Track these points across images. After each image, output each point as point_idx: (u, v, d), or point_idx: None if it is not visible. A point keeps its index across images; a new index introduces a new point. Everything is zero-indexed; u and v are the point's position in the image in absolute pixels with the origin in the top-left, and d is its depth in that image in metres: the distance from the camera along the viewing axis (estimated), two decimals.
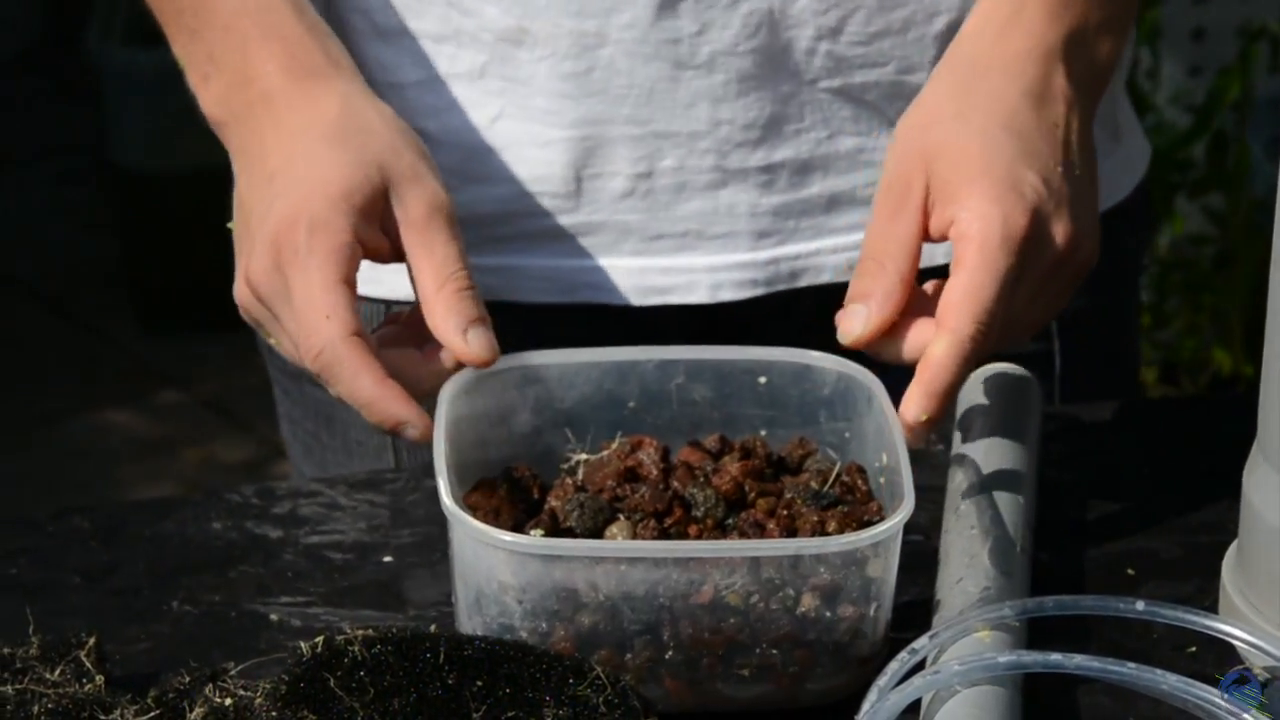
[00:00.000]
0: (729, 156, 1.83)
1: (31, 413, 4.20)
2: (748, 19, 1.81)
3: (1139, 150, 2.08)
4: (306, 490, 1.63)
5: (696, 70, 1.81)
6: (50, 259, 4.59)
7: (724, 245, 1.86)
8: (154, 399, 4.25)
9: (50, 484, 4.01)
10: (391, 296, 1.85)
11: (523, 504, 1.44)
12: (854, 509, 1.42)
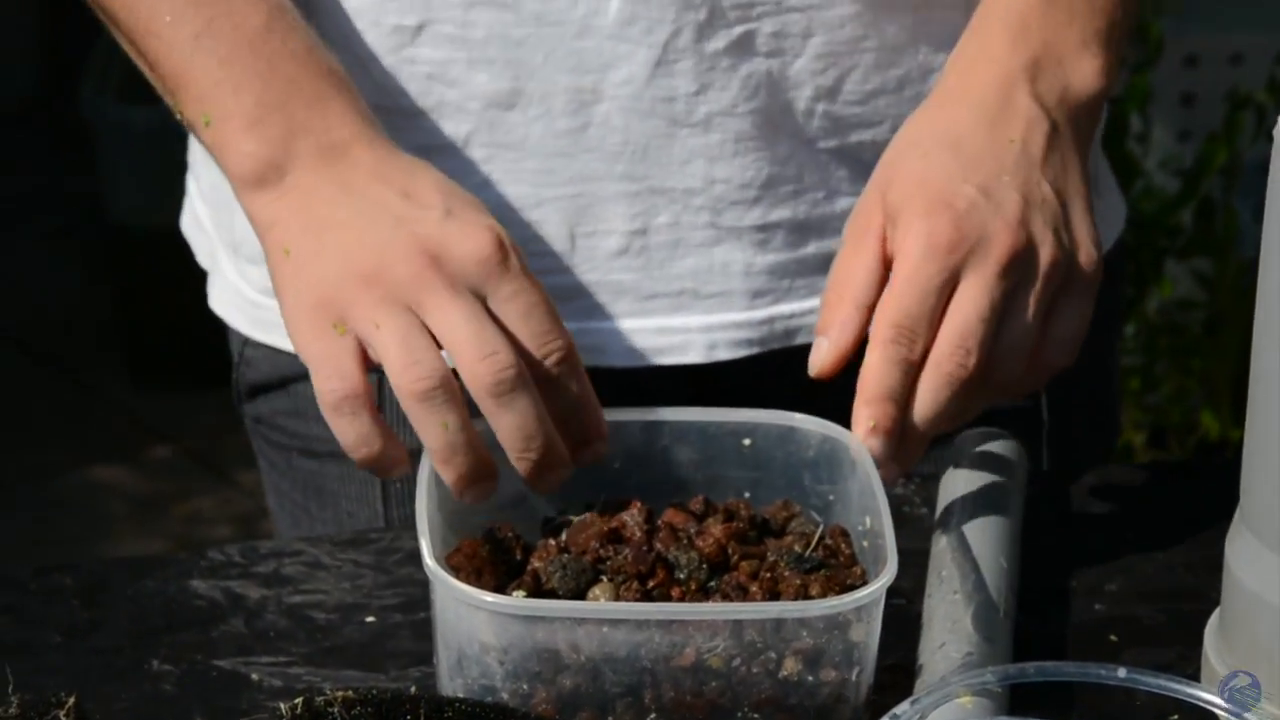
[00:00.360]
0: (724, 215, 1.82)
1: (20, 466, 4.20)
2: (747, 80, 1.81)
3: (1115, 207, 2.08)
4: (290, 550, 1.63)
5: (693, 129, 1.80)
6: (42, 312, 4.60)
7: (719, 304, 1.85)
8: (144, 454, 4.25)
9: (36, 540, 4.01)
10: None
11: (505, 565, 1.43)
12: (837, 572, 1.41)
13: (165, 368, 4.38)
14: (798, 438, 1.52)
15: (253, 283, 1.91)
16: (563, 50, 1.79)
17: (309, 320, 1.52)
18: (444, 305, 1.49)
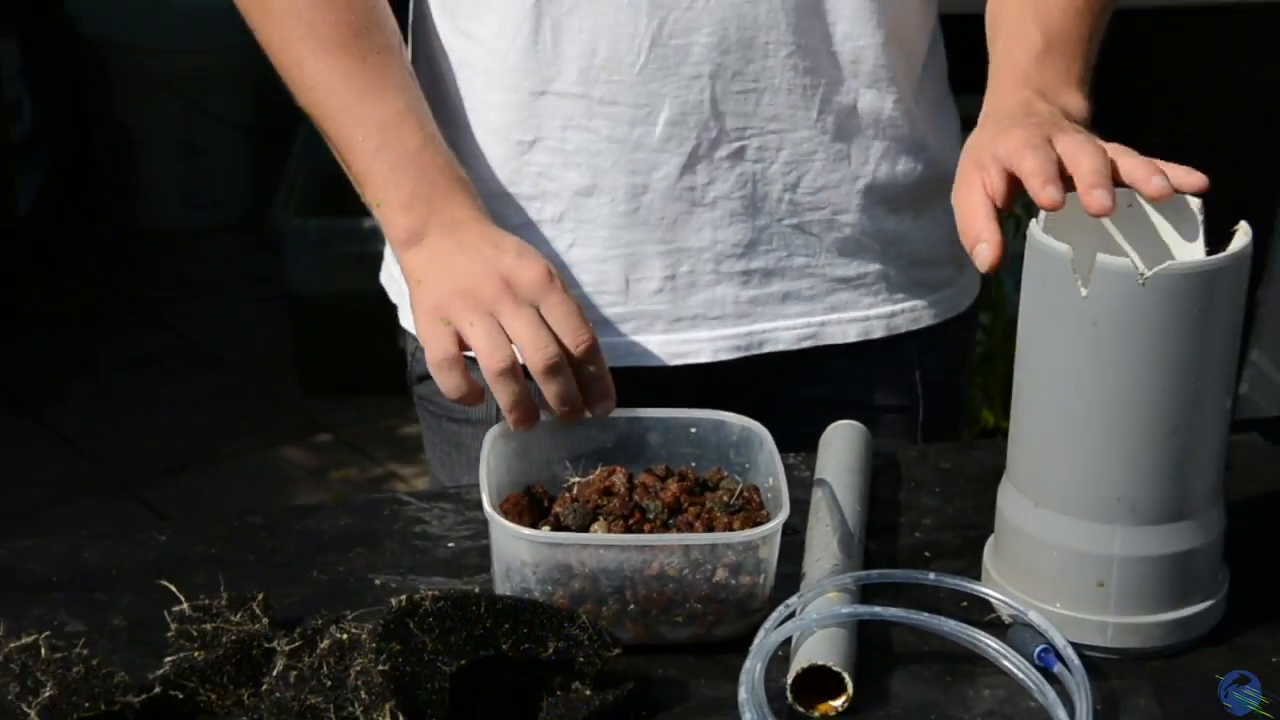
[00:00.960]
0: (722, 265, 1.84)
1: (231, 448, 4.22)
2: (740, 177, 1.81)
3: (975, 277, 2.03)
4: (402, 500, 1.64)
5: (705, 207, 1.81)
6: (250, 348, 4.59)
7: (718, 324, 1.86)
8: (311, 439, 4.25)
9: (240, 495, 4.02)
10: None
11: (537, 510, 1.48)
12: (751, 514, 1.47)
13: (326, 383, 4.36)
14: (726, 428, 1.56)
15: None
16: (625, 159, 1.79)
17: (427, 319, 1.59)
18: (513, 313, 1.55)
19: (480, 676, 1.27)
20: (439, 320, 1.59)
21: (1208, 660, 1.40)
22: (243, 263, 4.99)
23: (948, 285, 2.01)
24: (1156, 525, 1.38)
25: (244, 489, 4.07)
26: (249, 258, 4.96)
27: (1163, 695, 1.35)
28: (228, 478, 4.13)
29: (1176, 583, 1.40)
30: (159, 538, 1.56)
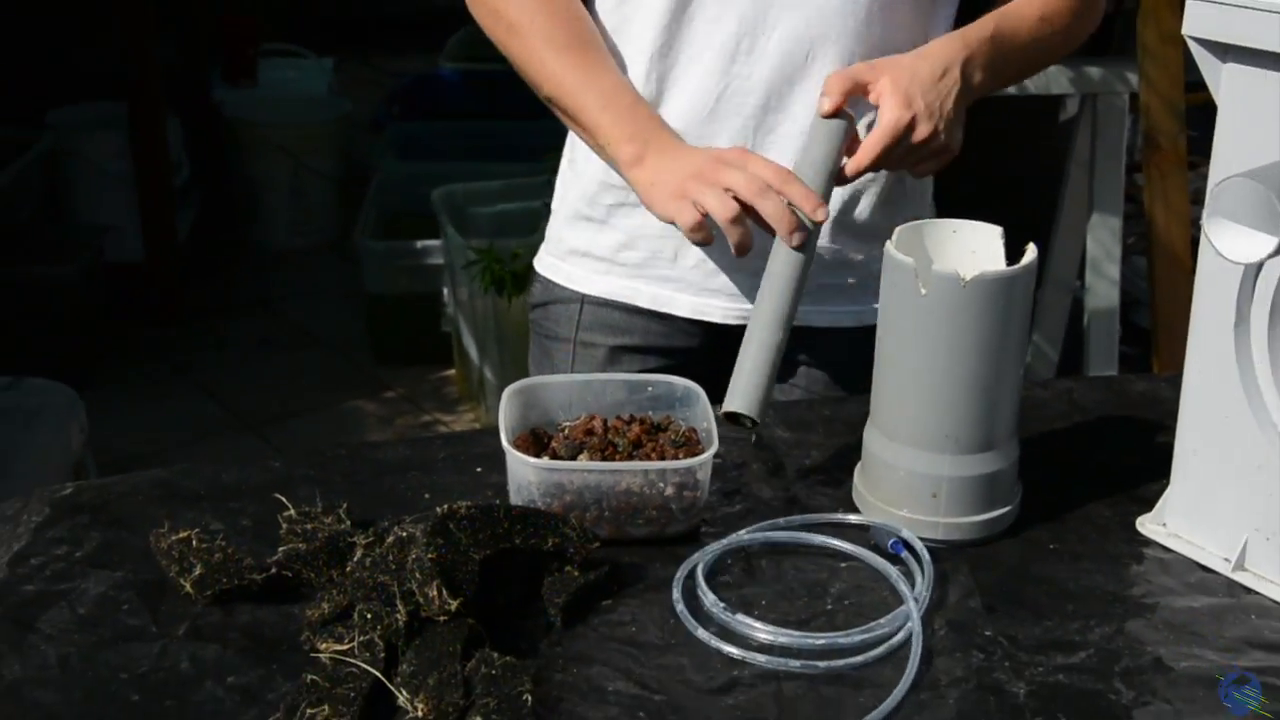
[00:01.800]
0: (737, 260, 1.68)
1: (323, 400, 4.22)
2: None
3: None
4: (447, 436, 1.64)
5: None
6: (336, 331, 4.58)
7: (730, 299, 1.79)
8: (381, 395, 4.25)
9: (329, 433, 4.04)
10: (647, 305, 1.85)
11: (540, 445, 1.44)
12: (691, 448, 1.44)
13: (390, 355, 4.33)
14: (674, 386, 1.51)
15: (550, 245, 1.93)
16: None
17: (673, 202, 1.57)
18: (731, 176, 1.54)
19: (500, 562, 1.26)
20: (680, 199, 1.57)
21: (1007, 547, 1.40)
22: (332, 272, 4.98)
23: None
24: (972, 454, 1.38)
25: (333, 429, 4.09)
26: (336, 268, 4.96)
27: (975, 571, 1.35)
28: (322, 421, 4.13)
29: (986, 494, 1.39)
30: (274, 464, 1.54)
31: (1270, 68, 1.26)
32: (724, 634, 1.25)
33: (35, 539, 1.38)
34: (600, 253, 1.82)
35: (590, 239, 1.82)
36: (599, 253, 1.82)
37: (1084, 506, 1.47)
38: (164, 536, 1.32)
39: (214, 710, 1.15)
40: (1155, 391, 1.69)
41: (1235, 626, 1.29)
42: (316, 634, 1.22)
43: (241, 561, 1.30)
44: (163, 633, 1.25)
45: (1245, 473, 1.35)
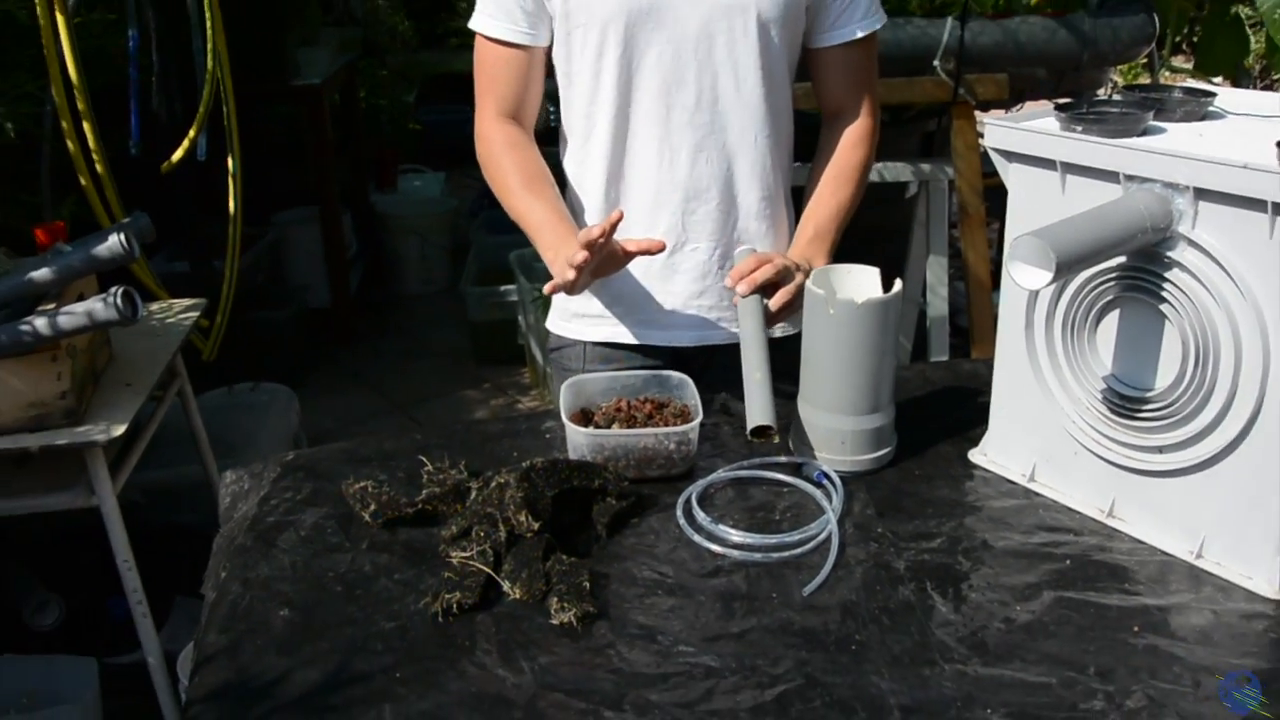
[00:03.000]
0: (688, 304, 1.65)
1: (445, 390, 4.18)
2: (695, 263, 1.62)
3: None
4: (526, 414, 1.62)
5: (681, 274, 1.63)
6: (451, 345, 4.53)
7: (686, 330, 1.65)
8: (480, 386, 4.21)
9: (450, 412, 3.99)
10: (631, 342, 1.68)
11: (587, 419, 1.40)
12: (686, 418, 1.39)
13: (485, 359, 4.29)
14: (672, 377, 1.45)
15: (556, 312, 1.71)
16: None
17: (560, 270, 1.41)
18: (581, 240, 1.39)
19: (564, 496, 1.24)
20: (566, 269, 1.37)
21: (889, 473, 1.38)
22: (447, 308, 4.95)
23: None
24: (866, 415, 1.35)
25: (452, 408, 4.03)
26: (450, 306, 4.92)
27: (869, 490, 1.33)
28: (445, 404, 4.08)
29: (875, 440, 1.37)
30: (416, 437, 1.51)
31: (1040, 167, 1.26)
32: (709, 538, 1.23)
33: (272, 488, 1.39)
34: (594, 312, 1.67)
35: (585, 303, 1.67)
36: (593, 312, 1.67)
37: (935, 445, 1.45)
38: (350, 485, 1.32)
39: (387, 596, 1.15)
40: (976, 370, 1.67)
41: (1029, 517, 1.28)
42: (449, 546, 1.21)
43: (399, 500, 1.29)
44: (353, 547, 1.24)
45: (1032, 420, 1.33)
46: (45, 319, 1.68)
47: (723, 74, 1.52)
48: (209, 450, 2.53)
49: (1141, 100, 1.29)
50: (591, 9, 1.49)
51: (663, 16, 1.48)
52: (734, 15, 1.49)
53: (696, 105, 1.53)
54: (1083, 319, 1.24)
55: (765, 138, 1.58)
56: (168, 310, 2.37)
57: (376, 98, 6.06)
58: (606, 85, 1.53)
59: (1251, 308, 1.09)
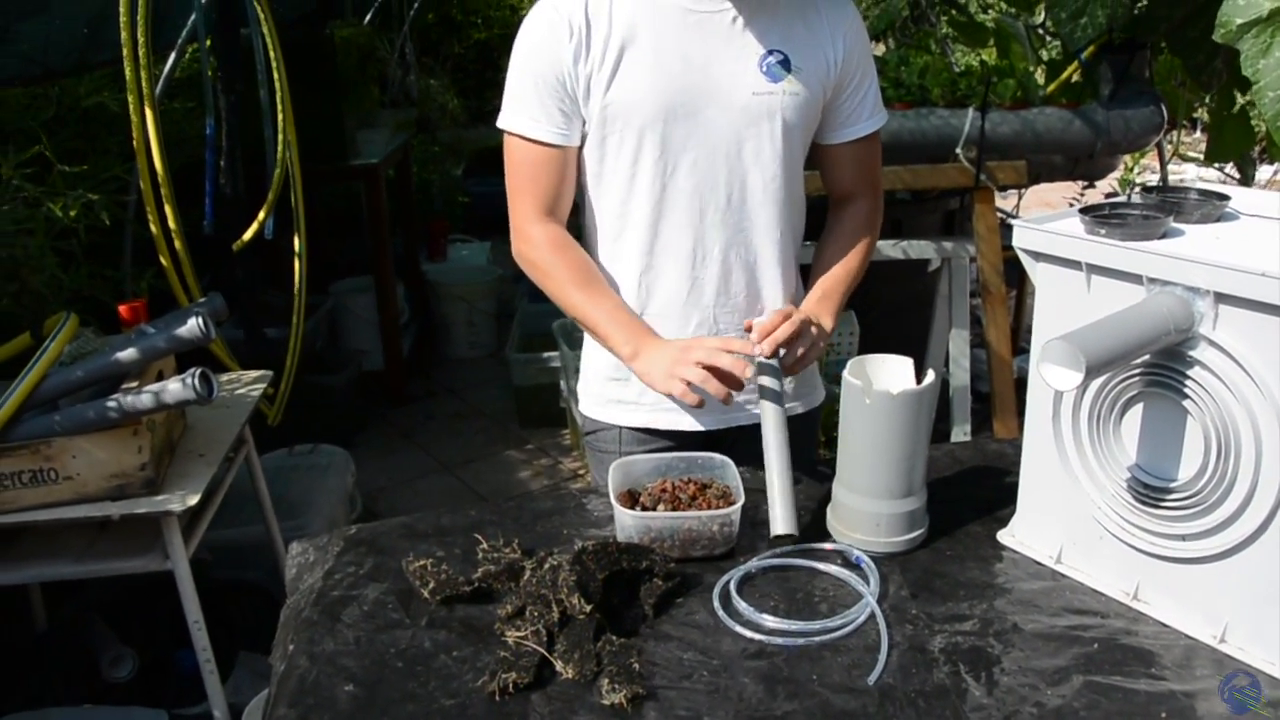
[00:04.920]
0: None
1: (491, 450, 4.17)
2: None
3: (819, 389, 1.79)
4: (581, 491, 1.60)
5: None
6: (496, 408, 4.54)
7: (705, 417, 1.65)
8: (524, 447, 4.21)
9: (497, 472, 3.98)
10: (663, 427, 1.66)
11: (633, 500, 1.38)
12: (728, 499, 1.38)
13: (529, 422, 4.29)
14: (713, 459, 1.44)
15: (590, 398, 1.70)
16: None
17: (661, 381, 1.42)
18: (694, 355, 1.39)
19: (613, 577, 1.23)
20: (669, 379, 1.42)
21: (922, 554, 1.36)
22: (493, 371, 4.97)
23: (813, 392, 1.75)
24: (900, 499, 1.34)
25: (497, 469, 4.03)
26: (495, 369, 4.95)
27: (904, 572, 1.32)
28: (491, 465, 4.08)
29: (908, 523, 1.36)
30: (471, 513, 1.50)
31: (1066, 267, 1.25)
32: (748, 625, 1.22)
33: (336, 562, 1.38)
34: (629, 399, 1.65)
35: (620, 391, 1.65)
36: (628, 399, 1.65)
37: (965, 525, 1.43)
38: (411, 562, 1.31)
39: (446, 673, 1.14)
40: (1002, 450, 1.66)
41: (1058, 599, 1.27)
42: (505, 625, 1.20)
43: (457, 578, 1.28)
44: (413, 623, 1.24)
45: (1059, 505, 1.32)
46: (129, 398, 1.70)
47: (751, 175, 1.54)
48: (272, 512, 2.54)
49: (1161, 204, 1.29)
50: (629, 115, 1.49)
51: (696, 122, 1.49)
52: (761, 121, 1.51)
53: (728, 205, 1.54)
54: (1108, 411, 1.24)
55: (787, 231, 1.60)
56: (237, 381, 2.39)
57: (429, 172, 6.15)
58: (642, 187, 1.54)
59: (1271, 405, 1.08)
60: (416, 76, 7.07)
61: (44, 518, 1.80)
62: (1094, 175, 2.86)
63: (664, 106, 1.48)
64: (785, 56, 1.50)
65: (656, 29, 1.48)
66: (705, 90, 1.48)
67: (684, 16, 1.48)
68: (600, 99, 1.49)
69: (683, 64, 1.47)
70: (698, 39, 1.48)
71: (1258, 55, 1.58)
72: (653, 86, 1.48)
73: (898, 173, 2.62)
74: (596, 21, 1.48)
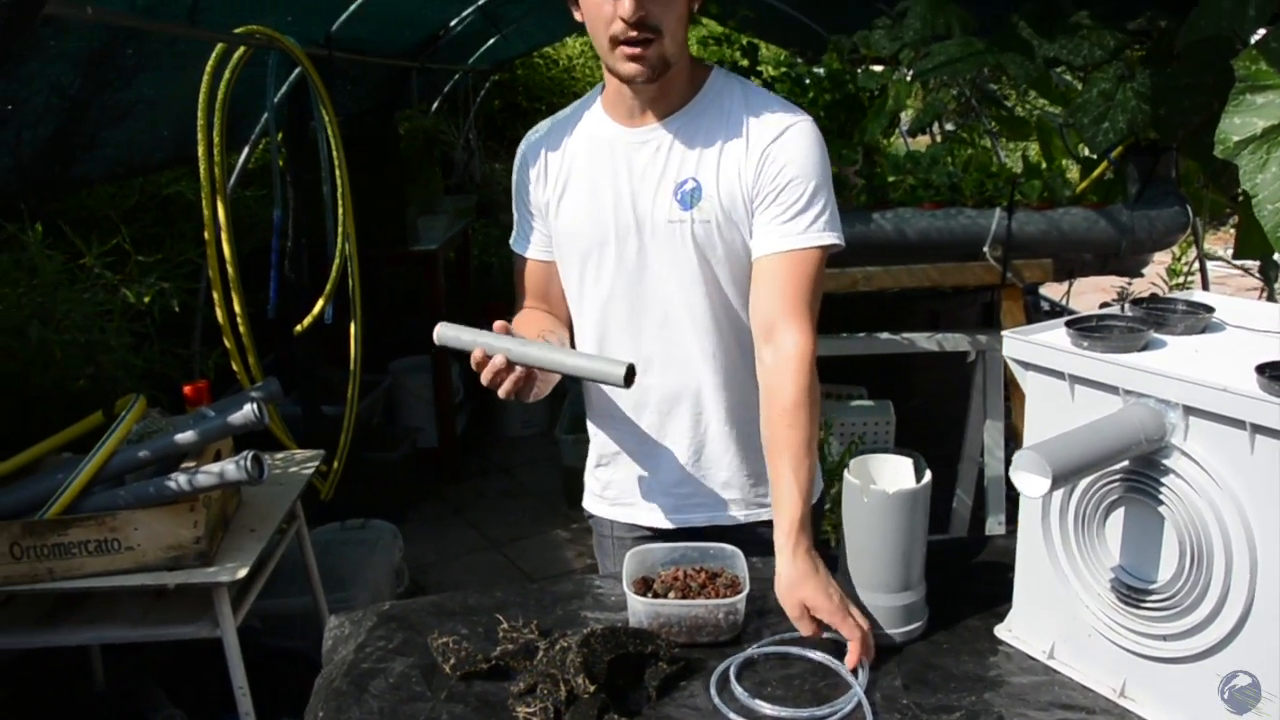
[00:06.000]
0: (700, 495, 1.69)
1: (536, 529, 4.22)
2: (677, 456, 1.68)
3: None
4: (592, 580, 1.62)
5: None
6: (546, 487, 4.61)
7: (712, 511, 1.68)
8: (569, 526, 4.25)
9: (541, 550, 4.04)
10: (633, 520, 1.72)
11: (646, 587, 1.43)
12: (735, 589, 1.42)
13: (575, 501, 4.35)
14: (725, 551, 1.48)
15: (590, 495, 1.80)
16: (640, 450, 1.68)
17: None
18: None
19: (620, 659, 1.29)
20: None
21: (918, 646, 1.40)
22: (543, 451, 5.04)
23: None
24: (897, 593, 1.39)
25: (541, 548, 4.08)
26: (545, 449, 5.01)
27: (899, 663, 1.36)
28: (536, 543, 4.13)
29: (905, 615, 1.40)
30: (497, 594, 1.56)
31: (1052, 376, 1.32)
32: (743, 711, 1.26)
33: (368, 636, 1.46)
34: (605, 495, 1.78)
35: (600, 487, 1.78)
36: (605, 495, 1.77)
37: (965, 619, 1.47)
38: (435, 639, 1.38)
39: None
40: (1009, 546, 1.66)
41: (1046, 694, 1.29)
42: (516, 701, 1.26)
43: (476, 655, 1.35)
44: (433, 696, 1.30)
45: (1051, 602, 1.36)
46: (187, 476, 1.83)
47: (676, 298, 1.57)
48: (319, 584, 2.64)
49: (1145, 316, 1.36)
50: (573, 240, 1.60)
51: (626, 249, 1.57)
52: (677, 248, 1.54)
53: (662, 324, 1.59)
54: (1092, 513, 1.29)
55: (722, 350, 1.60)
56: (291, 459, 2.52)
57: (488, 255, 6.33)
58: (589, 303, 1.63)
59: (1238, 514, 1.13)
60: (480, 161, 7.31)
61: (106, 584, 1.92)
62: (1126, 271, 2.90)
63: (597, 235, 1.57)
64: (698, 184, 1.52)
65: (595, 160, 1.57)
66: (632, 220, 1.55)
67: (615, 148, 1.56)
68: (554, 222, 1.62)
69: (613, 195, 1.56)
70: (625, 170, 1.55)
71: (1255, 170, 1.65)
72: (587, 216, 1.58)
73: (925, 270, 2.69)
74: (552, 153, 1.61)
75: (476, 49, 6.76)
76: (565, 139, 1.61)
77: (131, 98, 2.56)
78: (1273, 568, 1.11)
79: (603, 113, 1.59)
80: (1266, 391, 1.09)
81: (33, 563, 1.86)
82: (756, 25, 3.96)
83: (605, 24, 1.44)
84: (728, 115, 1.53)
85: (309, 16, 3.73)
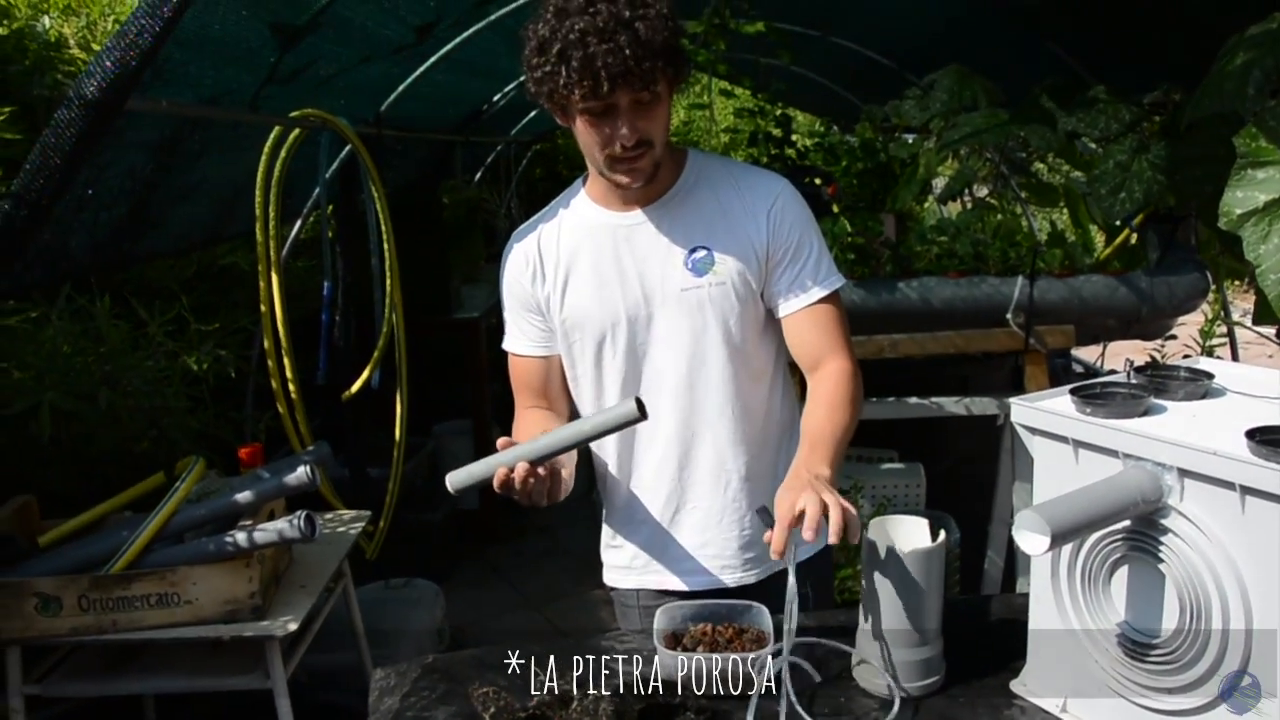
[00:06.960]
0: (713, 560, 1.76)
1: (574, 589, 4.26)
2: (694, 519, 1.75)
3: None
4: (633, 634, 1.69)
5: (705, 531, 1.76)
6: (583, 546, 4.61)
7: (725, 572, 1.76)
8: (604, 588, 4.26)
9: (577, 611, 4.06)
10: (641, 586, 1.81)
11: (676, 642, 1.46)
12: (760, 643, 1.46)
13: None
14: (748, 606, 1.52)
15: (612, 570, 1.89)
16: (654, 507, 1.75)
17: None
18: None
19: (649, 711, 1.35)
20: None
21: (937, 699, 1.44)
22: (581, 512, 5.07)
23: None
24: (915, 647, 1.44)
25: (577, 607, 4.09)
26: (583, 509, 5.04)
27: (917, 715, 1.40)
28: (572, 602, 4.15)
29: (924, 669, 1.44)
30: (534, 648, 1.58)
31: (1057, 441, 1.38)
32: None
33: (413, 687, 1.53)
34: (621, 564, 1.87)
35: (616, 557, 1.87)
36: (620, 564, 1.87)
37: (983, 674, 1.51)
38: (475, 690, 1.45)
39: None
40: (1025, 603, 1.73)
41: None
42: None
43: (514, 705, 1.41)
44: None
45: (1063, 657, 1.40)
46: (244, 534, 1.93)
47: (693, 361, 1.65)
48: (364, 640, 2.72)
49: (1147, 383, 1.43)
50: (584, 325, 1.67)
51: (640, 323, 1.65)
52: (694, 313, 1.63)
53: (677, 390, 1.67)
54: (1098, 570, 1.34)
55: (739, 412, 1.67)
56: (339, 519, 2.62)
57: None
58: (609, 380, 1.69)
59: (1233, 572, 1.19)
60: None
61: (165, 636, 2.02)
62: (1148, 335, 2.95)
63: (609, 315, 1.64)
64: (708, 251, 1.62)
65: (595, 247, 1.65)
66: (643, 295, 1.63)
67: (615, 232, 1.64)
68: (558, 315, 1.68)
69: (618, 275, 1.64)
70: (628, 250, 1.64)
71: (1258, 241, 1.71)
72: (595, 299, 1.65)
73: (950, 337, 2.76)
74: (547, 250, 1.68)
75: (518, 121, 6.93)
76: (558, 233, 1.69)
77: (196, 179, 2.71)
78: (1269, 621, 1.16)
79: (591, 203, 1.68)
80: (1255, 455, 1.15)
81: (99, 615, 1.96)
82: (788, 95, 4.04)
83: (600, 146, 1.53)
84: (717, 188, 1.64)
85: (361, 96, 3.90)
